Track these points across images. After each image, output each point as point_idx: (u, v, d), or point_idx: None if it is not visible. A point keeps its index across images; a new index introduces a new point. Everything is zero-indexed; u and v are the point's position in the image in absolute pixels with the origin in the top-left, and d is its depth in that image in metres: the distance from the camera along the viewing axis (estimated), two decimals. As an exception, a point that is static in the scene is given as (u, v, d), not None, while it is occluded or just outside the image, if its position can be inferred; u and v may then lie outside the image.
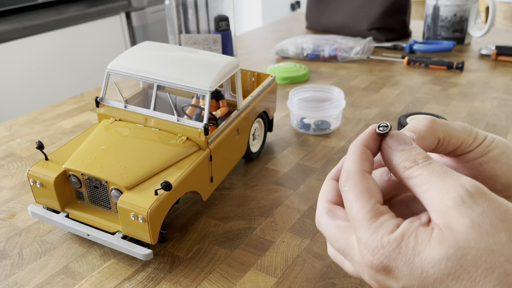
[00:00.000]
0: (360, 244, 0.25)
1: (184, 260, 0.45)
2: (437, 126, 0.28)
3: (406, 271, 0.23)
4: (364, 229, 0.24)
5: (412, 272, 0.23)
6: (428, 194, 0.24)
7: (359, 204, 0.25)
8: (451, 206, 0.22)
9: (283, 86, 0.88)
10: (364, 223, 0.24)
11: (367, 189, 0.26)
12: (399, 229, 0.23)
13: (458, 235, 0.22)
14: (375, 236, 0.24)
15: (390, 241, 0.23)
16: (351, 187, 0.26)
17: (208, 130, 0.47)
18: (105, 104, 0.53)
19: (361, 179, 0.26)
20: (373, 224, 0.24)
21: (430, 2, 1.07)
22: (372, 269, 0.24)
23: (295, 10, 3.22)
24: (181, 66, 0.50)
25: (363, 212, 0.25)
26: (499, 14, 1.91)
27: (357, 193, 0.25)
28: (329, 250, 0.31)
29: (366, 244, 0.24)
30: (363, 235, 0.24)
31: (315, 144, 0.66)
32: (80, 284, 0.43)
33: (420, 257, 0.22)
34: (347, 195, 0.26)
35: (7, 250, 0.47)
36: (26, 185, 0.59)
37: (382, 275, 0.24)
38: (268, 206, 0.53)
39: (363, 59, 1.03)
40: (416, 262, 0.22)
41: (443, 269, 0.22)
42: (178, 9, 0.78)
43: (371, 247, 0.24)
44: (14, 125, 0.76)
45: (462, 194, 0.22)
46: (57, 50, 1.72)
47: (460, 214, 0.22)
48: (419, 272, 0.22)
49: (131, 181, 0.43)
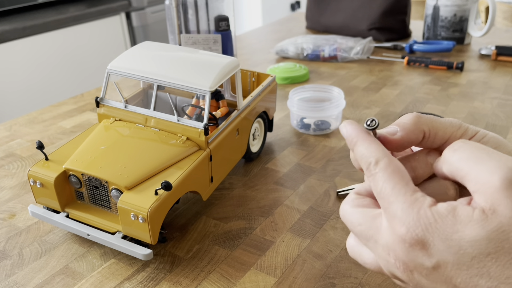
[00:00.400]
0: (393, 220, 0.24)
1: (184, 260, 0.45)
2: (421, 120, 0.28)
3: (443, 247, 0.22)
4: (400, 203, 0.24)
5: (449, 248, 0.22)
6: (471, 174, 0.24)
7: (393, 182, 0.25)
8: (498, 187, 0.22)
9: (283, 86, 0.88)
10: (400, 197, 0.24)
11: (399, 169, 0.26)
12: (438, 205, 0.23)
13: (504, 219, 0.22)
14: (411, 209, 0.23)
15: (428, 215, 0.23)
16: (382, 168, 0.26)
17: (208, 130, 0.47)
18: (105, 104, 0.53)
19: (391, 160, 0.26)
20: (410, 198, 0.24)
21: (430, 2, 1.07)
22: (406, 244, 0.23)
23: (295, 10, 3.22)
24: (181, 66, 0.50)
25: (398, 187, 0.25)
26: (499, 14, 1.91)
27: (389, 172, 0.25)
28: (348, 241, 0.30)
29: (401, 217, 0.24)
30: (398, 209, 0.24)
31: (315, 144, 0.66)
32: (80, 284, 0.43)
33: (459, 234, 0.22)
34: (378, 177, 0.26)
35: (7, 250, 0.47)
36: (26, 185, 0.59)
37: (415, 251, 0.23)
38: (268, 206, 0.53)
39: (363, 59, 1.03)
40: (455, 239, 0.22)
41: (483, 249, 0.22)
42: (178, 9, 0.78)
43: (407, 220, 0.23)
44: (14, 125, 0.76)
45: (510, 176, 0.22)
46: (57, 50, 1.72)
47: (507, 197, 0.22)
48: (456, 249, 0.22)
49: (131, 181, 0.43)
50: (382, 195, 0.25)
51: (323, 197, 0.55)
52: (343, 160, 0.62)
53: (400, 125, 0.28)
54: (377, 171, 0.26)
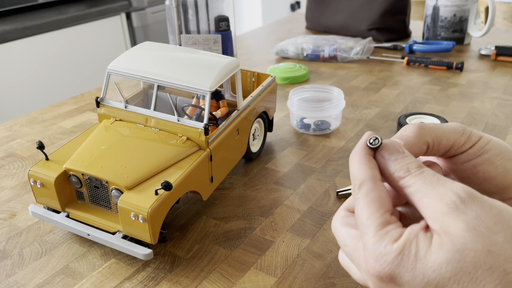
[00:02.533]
0: (365, 250, 0.25)
1: (184, 260, 0.45)
2: (424, 131, 0.29)
3: (409, 277, 0.23)
4: (370, 236, 0.25)
5: (414, 278, 0.23)
6: (423, 201, 0.25)
7: (369, 212, 0.26)
8: (446, 212, 0.23)
9: (283, 86, 0.88)
10: (370, 230, 0.25)
11: (378, 197, 0.26)
12: (402, 238, 0.24)
13: (455, 238, 0.22)
14: (379, 243, 0.24)
15: (393, 249, 0.24)
16: (363, 195, 0.26)
17: (208, 130, 0.47)
18: (105, 104, 0.53)
19: (373, 187, 0.26)
20: (379, 233, 0.25)
21: (430, 3, 1.08)
22: (375, 277, 0.24)
23: (295, 11, 3.22)
24: (181, 66, 0.50)
25: (371, 220, 0.25)
26: (499, 14, 1.91)
27: (368, 201, 0.26)
28: (339, 256, 0.32)
29: (370, 250, 0.25)
30: (368, 242, 0.25)
31: (315, 144, 0.66)
32: (81, 284, 0.43)
33: (421, 262, 0.23)
34: (358, 202, 0.26)
35: (8, 250, 0.48)
36: (27, 185, 0.59)
37: (384, 283, 0.24)
38: (268, 206, 0.53)
39: (363, 59, 1.03)
40: (418, 268, 0.23)
41: (444, 273, 0.22)
42: (178, 9, 0.78)
43: (375, 254, 0.24)
44: (14, 125, 0.76)
45: (455, 200, 0.23)
46: (58, 50, 1.72)
47: (455, 219, 0.23)
48: (421, 277, 0.23)
49: (131, 181, 0.43)
50: (359, 221, 0.26)
51: (323, 197, 0.55)
52: (343, 160, 0.62)
53: (403, 138, 0.29)
54: (359, 196, 0.27)
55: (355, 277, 0.30)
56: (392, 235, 0.24)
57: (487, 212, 0.23)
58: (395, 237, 0.24)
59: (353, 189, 0.27)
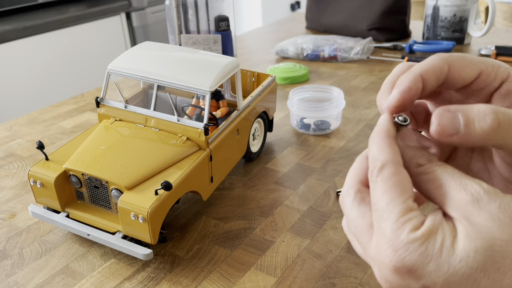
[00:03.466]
0: (381, 237, 0.23)
1: (184, 260, 0.45)
2: (446, 56, 0.26)
3: (432, 268, 0.22)
4: (390, 223, 0.23)
5: (438, 269, 0.22)
6: (442, 189, 0.24)
7: (390, 197, 0.24)
8: (469, 201, 0.22)
9: (283, 86, 0.88)
10: (391, 216, 0.23)
11: (400, 182, 0.24)
12: (425, 225, 0.23)
13: (481, 228, 0.22)
14: (400, 231, 0.22)
15: (417, 236, 0.22)
16: (384, 178, 0.24)
17: (208, 130, 0.47)
18: (105, 104, 0.53)
19: (396, 171, 0.24)
20: (400, 219, 0.23)
21: (430, 3, 1.08)
22: (389, 268, 0.23)
23: (295, 10, 3.22)
24: (181, 66, 0.50)
25: (393, 205, 0.23)
26: (499, 14, 1.91)
27: (389, 185, 0.24)
28: (344, 223, 0.29)
29: (389, 238, 0.23)
30: (387, 229, 0.23)
31: (315, 144, 0.66)
32: (81, 284, 0.43)
33: (448, 251, 0.22)
34: (377, 186, 0.24)
35: (8, 250, 0.48)
36: (27, 185, 0.59)
37: (400, 274, 0.23)
38: (268, 206, 0.53)
39: (363, 59, 1.03)
40: (444, 257, 0.22)
41: (470, 262, 0.21)
42: (178, 9, 0.78)
43: (395, 243, 0.22)
44: (14, 125, 0.76)
45: (479, 190, 0.22)
46: (58, 50, 1.72)
47: (479, 209, 0.22)
48: (445, 268, 0.22)
49: (131, 181, 0.43)
50: (376, 207, 0.24)
51: (323, 197, 0.55)
52: (343, 160, 0.62)
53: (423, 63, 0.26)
54: (379, 179, 0.24)
55: (356, 249, 0.28)
56: (414, 223, 0.23)
57: (509, 203, 0.22)
58: (417, 224, 0.23)
59: (371, 172, 0.25)
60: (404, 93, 0.26)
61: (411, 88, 0.26)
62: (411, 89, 0.26)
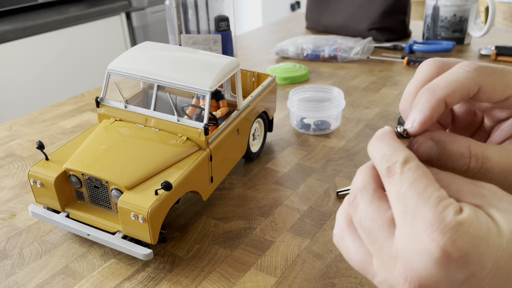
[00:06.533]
0: (419, 224, 0.21)
1: (184, 260, 0.45)
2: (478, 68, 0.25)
3: (483, 249, 0.20)
4: (432, 207, 0.21)
5: (488, 250, 0.20)
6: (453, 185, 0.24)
7: (424, 184, 0.22)
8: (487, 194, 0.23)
9: (283, 86, 0.88)
10: (431, 201, 0.21)
11: (428, 173, 0.23)
12: (467, 209, 0.21)
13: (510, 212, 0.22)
14: (445, 213, 0.21)
15: (465, 218, 0.21)
16: (412, 168, 0.23)
17: (208, 130, 0.47)
18: (105, 104, 0.53)
19: (419, 164, 0.23)
20: (443, 203, 0.21)
21: (430, 3, 1.08)
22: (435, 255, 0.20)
23: (295, 10, 3.22)
24: (181, 66, 0.50)
25: (430, 191, 0.22)
26: (499, 14, 1.91)
27: (420, 173, 0.23)
28: (335, 231, 0.27)
29: (433, 222, 0.21)
30: (429, 213, 0.21)
31: (315, 144, 0.66)
32: (81, 284, 0.43)
33: (494, 233, 0.21)
34: (404, 177, 0.23)
35: (8, 250, 0.48)
36: (27, 185, 0.59)
37: (447, 262, 0.20)
38: (268, 206, 0.53)
39: (363, 59, 1.03)
40: (492, 238, 0.21)
41: None
42: (178, 9, 0.78)
43: (442, 225, 0.20)
44: (14, 125, 0.76)
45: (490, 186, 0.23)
46: (58, 50, 1.72)
47: (499, 200, 0.22)
48: (495, 249, 0.20)
49: (131, 181, 0.43)
50: (406, 195, 0.22)
51: (323, 197, 0.55)
52: (343, 160, 0.62)
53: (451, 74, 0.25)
54: (406, 169, 0.23)
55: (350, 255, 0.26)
56: (455, 207, 0.21)
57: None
58: (458, 209, 0.21)
59: (390, 167, 0.23)
60: (425, 123, 0.25)
61: (433, 116, 0.25)
62: (432, 117, 0.25)
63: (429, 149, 0.25)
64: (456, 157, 0.25)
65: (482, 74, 0.25)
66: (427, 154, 0.25)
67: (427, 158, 0.25)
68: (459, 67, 0.25)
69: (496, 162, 0.25)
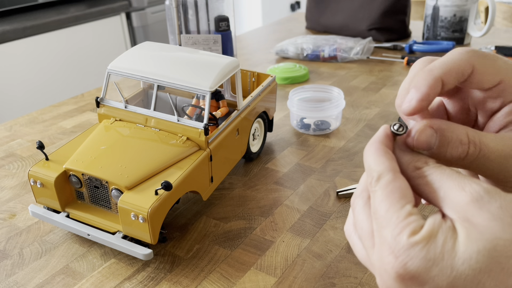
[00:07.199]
0: (382, 245, 0.23)
1: (184, 260, 0.45)
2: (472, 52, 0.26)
3: (435, 272, 0.21)
4: (390, 229, 0.23)
5: (441, 272, 0.21)
6: (441, 191, 0.23)
7: (388, 204, 0.23)
8: (469, 201, 0.22)
9: (283, 86, 0.88)
10: (391, 222, 0.23)
11: (398, 188, 0.24)
12: (425, 228, 0.22)
13: (483, 228, 0.21)
14: (400, 237, 0.22)
15: (417, 240, 0.22)
16: (382, 186, 0.24)
17: (208, 130, 0.47)
18: (105, 104, 0.53)
19: (393, 178, 0.24)
20: (400, 225, 0.22)
21: (430, 3, 1.08)
22: (392, 276, 0.22)
23: (295, 11, 3.22)
24: (181, 67, 0.50)
25: (392, 212, 0.23)
26: (499, 14, 1.91)
27: (387, 192, 0.24)
28: (347, 226, 0.29)
29: (390, 245, 0.22)
30: (388, 236, 0.23)
31: (315, 144, 0.66)
32: (81, 284, 0.43)
33: (449, 254, 0.21)
34: (376, 195, 0.24)
35: (8, 250, 0.48)
36: (27, 185, 0.59)
37: (403, 281, 0.22)
38: (268, 206, 0.53)
39: (363, 59, 1.03)
40: (446, 260, 0.21)
41: (473, 264, 0.21)
42: (178, 9, 0.78)
43: (396, 249, 0.22)
44: (14, 125, 0.76)
45: (479, 190, 0.22)
46: (58, 50, 1.72)
47: (479, 209, 0.22)
48: (448, 271, 0.21)
49: (131, 181, 0.43)
50: (376, 216, 0.24)
51: (323, 197, 0.55)
52: (343, 160, 0.62)
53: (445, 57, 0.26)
54: (376, 189, 0.24)
55: (357, 254, 0.27)
56: (413, 227, 0.22)
57: (510, 202, 0.21)
58: (416, 228, 0.22)
59: (370, 183, 0.25)
60: (423, 100, 0.26)
61: (430, 94, 0.25)
62: (430, 96, 0.25)
63: (429, 137, 0.25)
64: (455, 144, 0.25)
65: (475, 56, 0.26)
66: (427, 143, 0.25)
67: (427, 147, 0.26)
68: (453, 51, 0.27)
69: (492, 147, 0.25)
